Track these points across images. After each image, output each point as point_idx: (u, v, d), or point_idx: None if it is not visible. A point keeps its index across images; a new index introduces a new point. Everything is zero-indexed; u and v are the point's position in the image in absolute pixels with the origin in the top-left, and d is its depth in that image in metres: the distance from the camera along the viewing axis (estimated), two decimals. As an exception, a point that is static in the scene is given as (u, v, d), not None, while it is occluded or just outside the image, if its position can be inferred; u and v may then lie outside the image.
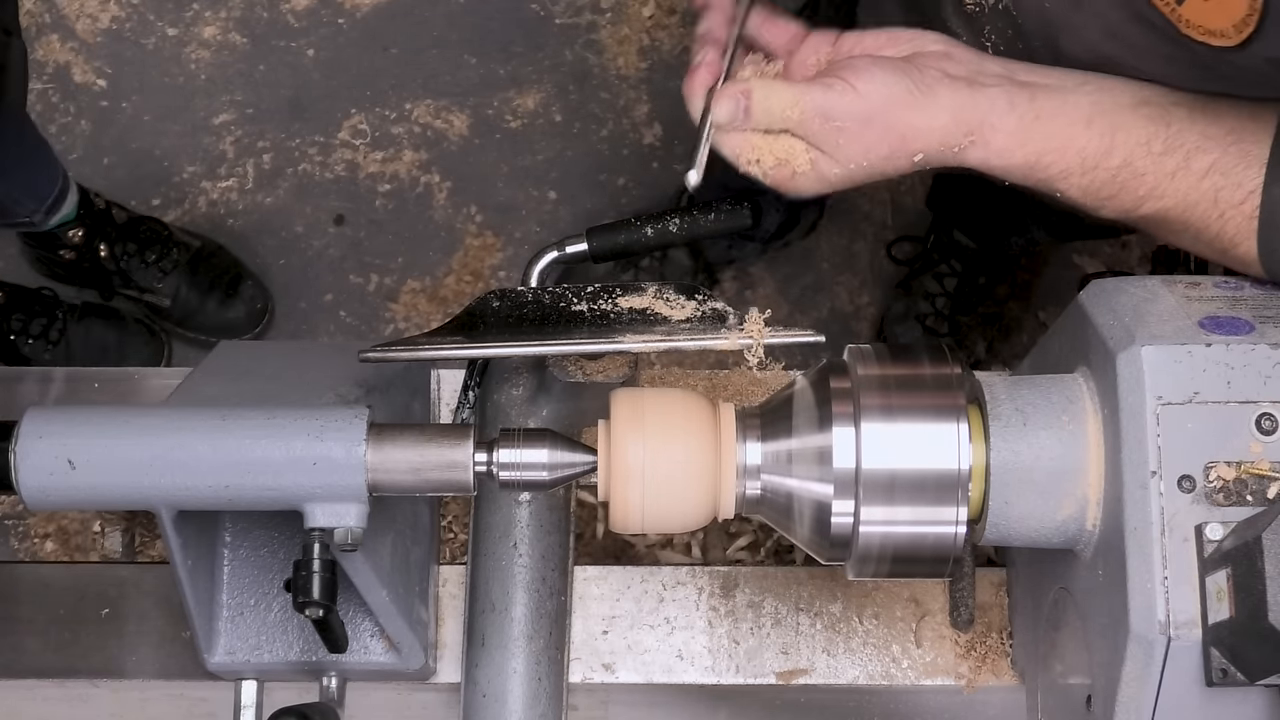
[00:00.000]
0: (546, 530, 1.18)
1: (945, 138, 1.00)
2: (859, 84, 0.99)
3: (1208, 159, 1.00)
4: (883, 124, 0.99)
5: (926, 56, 1.04)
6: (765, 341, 1.01)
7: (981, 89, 1.01)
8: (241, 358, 1.20)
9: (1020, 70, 1.04)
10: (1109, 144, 1.01)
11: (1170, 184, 1.01)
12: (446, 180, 2.37)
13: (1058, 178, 1.02)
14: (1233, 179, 1.00)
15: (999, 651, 1.22)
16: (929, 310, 2.23)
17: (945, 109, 1.00)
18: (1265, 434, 0.90)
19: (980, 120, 1.00)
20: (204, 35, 2.45)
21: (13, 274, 2.28)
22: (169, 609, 1.24)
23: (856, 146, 1.00)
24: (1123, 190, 1.02)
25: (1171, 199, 1.01)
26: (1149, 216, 1.03)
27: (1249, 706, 0.91)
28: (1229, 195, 1.00)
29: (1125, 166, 1.01)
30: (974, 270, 2.23)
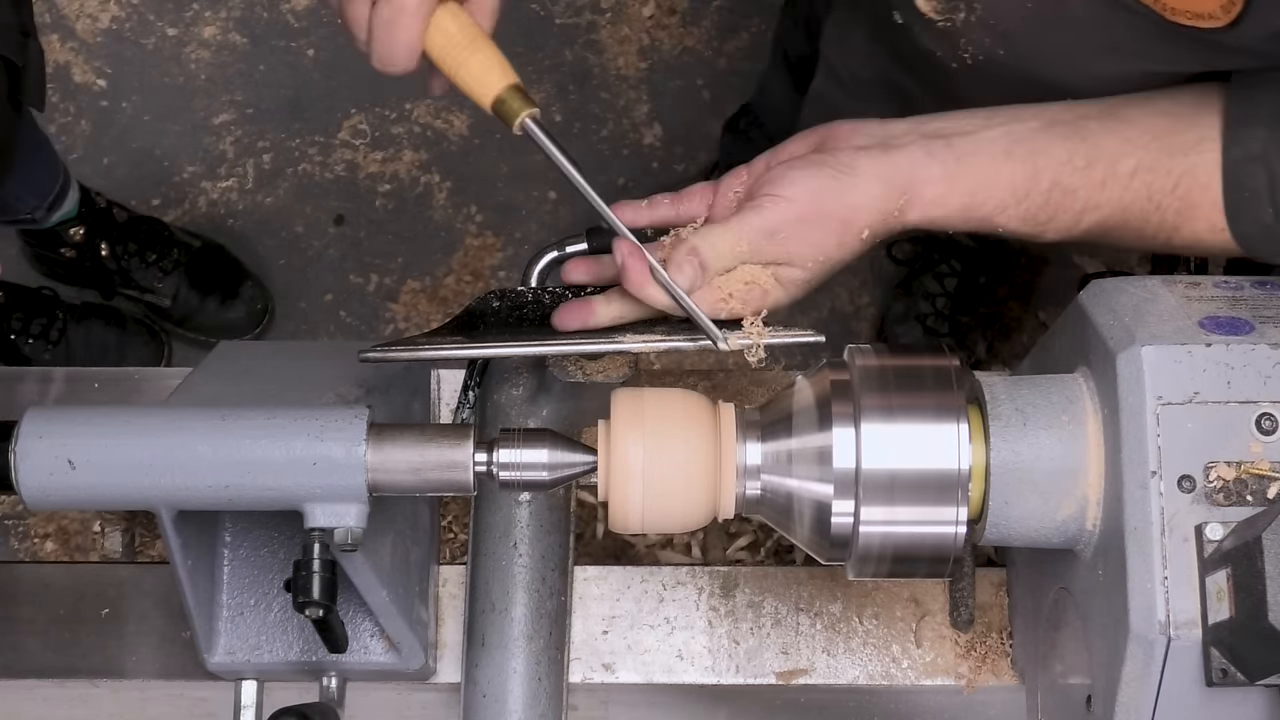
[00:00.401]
0: (546, 530, 1.18)
1: (883, 205, 1.01)
2: (783, 191, 1.00)
3: (1131, 161, 1.02)
4: (820, 217, 1.00)
5: (835, 139, 1.06)
6: (765, 341, 1.01)
7: (898, 150, 1.02)
8: (241, 358, 1.20)
9: (926, 123, 1.06)
10: (1033, 169, 1.02)
11: (1102, 193, 1.02)
12: (446, 180, 2.37)
13: (995, 213, 1.03)
14: (1159, 172, 1.02)
15: (999, 651, 1.22)
16: (929, 310, 2.23)
17: (872, 178, 1.01)
18: (1265, 434, 0.90)
19: (908, 178, 1.01)
20: (204, 35, 2.45)
21: (13, 274, 2.28)
22: (169, 609, 1.24)
23: (806, 248, 1.01)
24: (1059, 210, 1.03)
25: (1107, 207, 1.03)
26: (1091, 230, 1.04)
27: (1249, 706, 0.91)
28: (1160, 185, 1.02)
29: (1055, 186, 1.02)
30: (974, 270, 2.24)
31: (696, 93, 2.42)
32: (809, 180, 1.01)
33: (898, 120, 1.07)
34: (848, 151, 1.03)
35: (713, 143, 2.38)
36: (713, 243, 1.00)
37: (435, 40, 1.00)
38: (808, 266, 1.01)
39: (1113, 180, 1.02)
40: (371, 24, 0.98)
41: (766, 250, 1.00)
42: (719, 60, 2.44)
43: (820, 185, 1.01)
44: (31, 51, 1.65)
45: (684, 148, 2.39)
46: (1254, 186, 1.00)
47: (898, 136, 1.04)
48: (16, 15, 1.61)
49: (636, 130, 2.40)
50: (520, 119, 1.00)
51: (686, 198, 1.08)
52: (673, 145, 2.39)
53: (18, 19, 1.61)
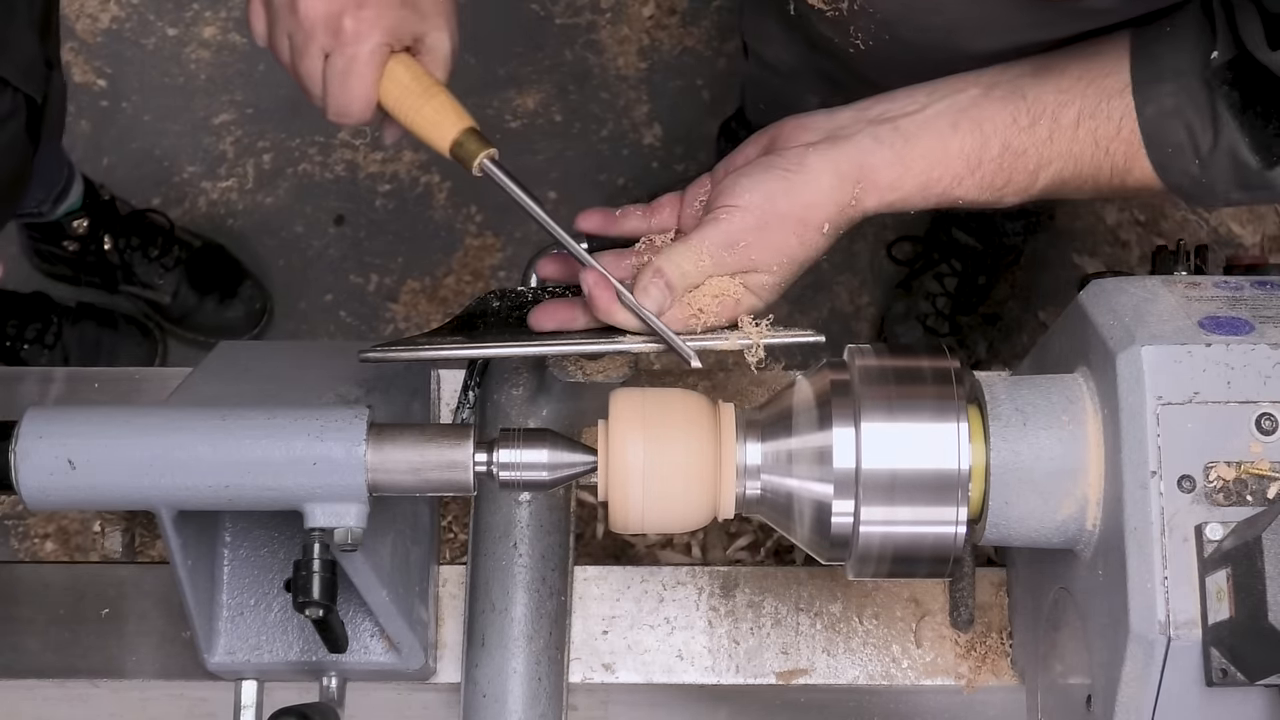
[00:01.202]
0: (546, 530, 1.18)
1: (837, 197, 1.02)
2: (737, 200, 1.01)
3: (1072, 110, 1.03)
4: (777, 219, 1.01)
5: (784, 139, 1.07)
6: (765, 341, 1.01)
7: (846, 140, 1.04)
8: (241, 358, 1.20)
9: (871, 108, 1.07)
10: (981, 136, 1.04)
11: (1051, 148, 1.04)
12: (446, 180, 2.37)
13: (952, 186, 1.04)
14: (1101, 116, 1.03)
15: (999, 651, 1.22)
16: (929, 310, 2.23)
17: (823, 172, 1.02)
18: (1265, 434, 0.90)
19: (859, 166, 1.02)
20: (204, 35, 2.45)
21: (13, 274, 2.28)
22: (169, 609, 1.24)
23: (769, 251, 1.01)
24: (1013, 173, 1.04)
25: (1059, 161, 1.04)
26: (1048, 186, 1.06)
27: (1249, 706, 0.91)
28: (1104, 130, 1.03)
29: (1006, 150, 1.04)
30: (974, 270, 2.24)
31: (696, 93, 2.42)
32: (760, 185, 1.01)
33: (843, 109, 1.08)
34: (796, 150, 1.04)
35: (713, 143, 2.38)
36: (676, 262, 1.00)
37: (390, 90, 1.02)
38: (774, 270, 1.02)
39: (1059, 133, 1.03)
40: (325, 78, 1.00)
41: (730, 261, 1.01)
42: (719, 60, 2.43)
43: (771, 188, 1.01)
44: (54, 85, 1.65)
45: (684, 148, 2.39)
46: (1175, 141, 1.02)
47: (845, 127, 1.05)
48: (42, 48, 1.61)
49: (636, 130, 2.40)
50: (479, 160, 1.02)
51: (656, 209, 1.09)
52: (673, 145, 2.39)
53: (43, 52, 1.61)
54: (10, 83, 1.52)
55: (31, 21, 1.57)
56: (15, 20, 1.54)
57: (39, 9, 1.60)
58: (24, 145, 1.59)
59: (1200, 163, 1.02)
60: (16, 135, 1.56)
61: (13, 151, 1.57)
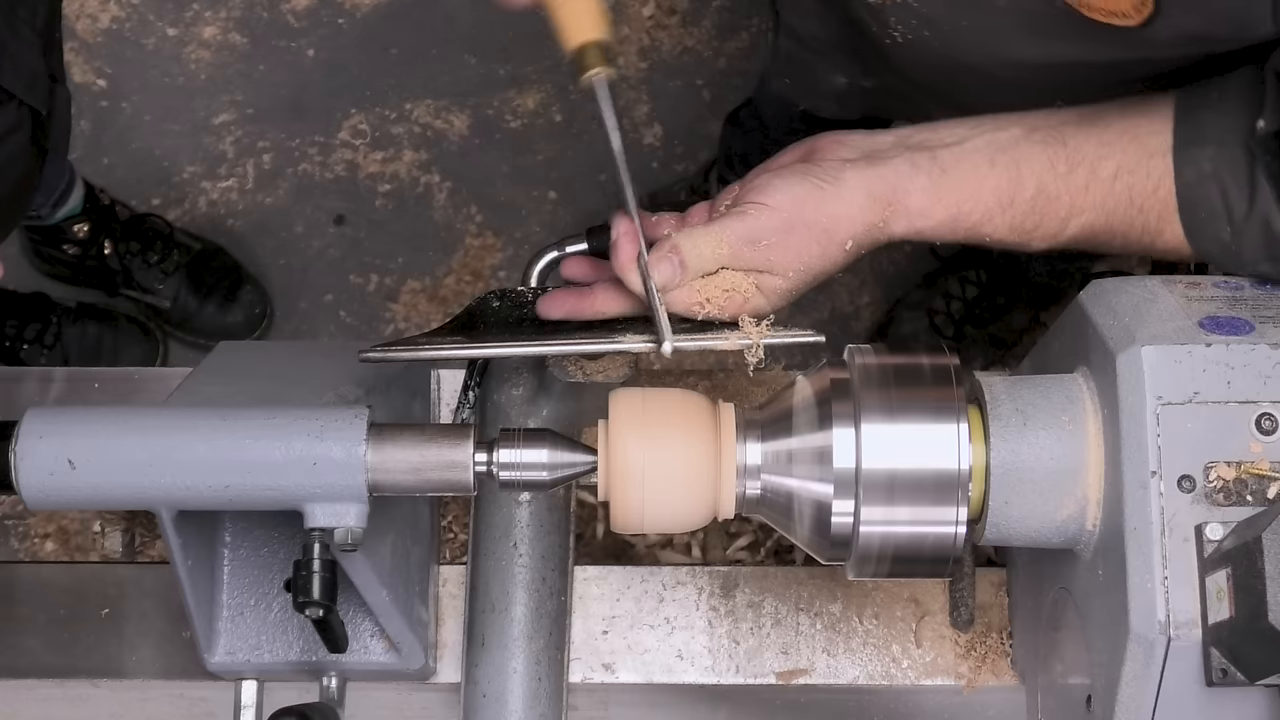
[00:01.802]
0: (546, 530, 1.18)
1: (866, 216, 1.02)
2: (768, 199, 1.01)
3: (1112, 164, 1.03)
4: (803, 225, 1.01)
5: (821, 151, 1.06)
6: (765, 342, 1.01)
7: (883, 162, 1.03)
8: (241, 358, 1.20)
9: (912, 136, 1.06)
10: (1016, 176, 1.03)
11: (1085, 197, 1.03)
12: (446, 180, 2.37)
13: (982, 222, 1.04)
14: (1140, 174, 1.02)
15: (999, 651, 1.22)
16: (942, 309, 2.23)
17: (856, 189, 1.01)
18: (1265, 434, 0.90)
19: (892, 189, 1.02)
20: (204, 35, 2.45)
21: (13, 274, 2.28)
22: (169, 609, 1.24)
23: (789, 256, 1.01)
24: (1044, 217, 1.04)
25: (1091, 211, 1.03)
26: (1077, 236, 1.05)
27: (1249, 706, 0.91)
28: (1141, 188, 1.02)
29: (1039, 194, 1.03)
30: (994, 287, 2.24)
31: (696, 93, 2.42)
32: (792, 188, 1.01)
33: (884, 132, 1.08)
34: (834, 163, 1.03)
35: (713, 142, 2.38)
36: (695, 242, 1.00)
37: None
38: (789, 276, 1.02)
39: (1095, 184, 1.03)
40: None
41: (747, 256, 1.01)
42: (719, 60, 2.43)
43: (804, 193, 1.01)
44: (58, 98, 1.65)
45: (684, 148, 2.39)
46: (1210, 206, 1.01)
47: (883, 149, 1.05)
48: (45, 62, 1.61)
49: (636, 130, 2.40)
50: (592, 74, 1.02)
51: (690, 217, 1.09)
52: (673, 145, 2.39)
53: (46, 66, 1.61)
54: (15, 95, 1.52)
55: (34, 35, 1.58)
56: (18, 34, 1.55)
57: (41, 23, 1.60)
58: (29, 157, 1.60)
59: (1232, 229, 1.01)
60: (22, 147, 1.57)
61: (17, 163, 1.57)
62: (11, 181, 1.58)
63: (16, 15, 1.55)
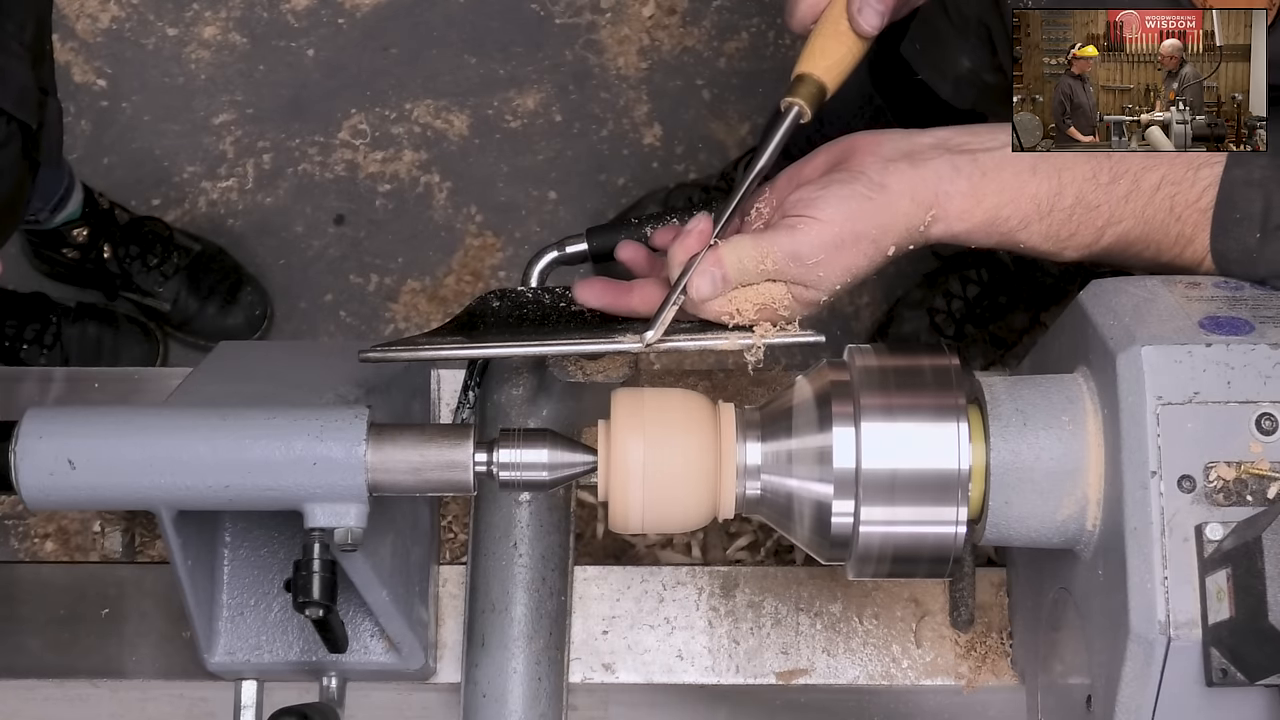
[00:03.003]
0: (546, 530, 1.18)
1: (909, 221, 1.01)
2: (820, 213, 1.00)
3: (1156, 175, 1.02)
4: (853, 239, 1.00)
5: (859, 151, 1.05)
6: (765, 341, 1.01)
7: (924, 163, 1.02)
8: (241, 358, 1.20)
9: (952, 139, 1.06)
10: (1057, 185, 1.02)
11: (1125, 207, 1.02)
12: (446, 180, 2.37)
13: (1018, 228, 1.03)
14: (1185, 184, 1.02)
15: (999, 651, 1.22)
16: (943, 308, 2.23)
17: (901, 194, 1.01)
18: (1265, 434, 0.90)
19: (934, 192, 1.01)
20: (204, 35, 2.45)
21: (13, 274, 2.28)
22: (169, 609, 1.24)
23: (836, 271, 1.00)
24: (1081, 226, 1.03)
25: (1129, 220, 1.03)
26: (1112, 246, 1.04)
27: (1249, 706, 0.91)
28: (1184, 197, 1.02)
29: (1079, 203, 1.02)
30: (997, 287, 2.24)
31: (696, 93, 2.42)
32: (844, 201, 1.00)
33: (922, 133, 1.06)
34: (875, 167, 1.02)
35: (714, 142, 2.38)
36: (739, 255, 1.00)
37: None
38: (833, 288, 1.01)
39: (1136, 194, 1.02)
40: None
41: (792, 271, 1.00)
42: (719, 60, 2.43)
43: (854, 207, 1.00)
44: (50, 111, 1.65)
45: (684, 148, 2.39)
46: (1246, 209, 1.01)
47: (923, 151, 1.04)
48: (35, 76, 1.61)
49: (636, 130, 2.40)
50: (788, 102, 1.04)
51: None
52: (673, 145, 2.39)
53: (35, 79, 1.61)
54: (4, 110, 1.52)
55: (23, 50, 1.58)
56: (7, 50, 1.55)
57: (30, 37, 1.61)
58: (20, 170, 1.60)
59: (1262, 236, 1.01)
60: (13, 161, 1.57)
61: (8, 177, 1.58)
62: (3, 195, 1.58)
63: (4, 30, 1.56)
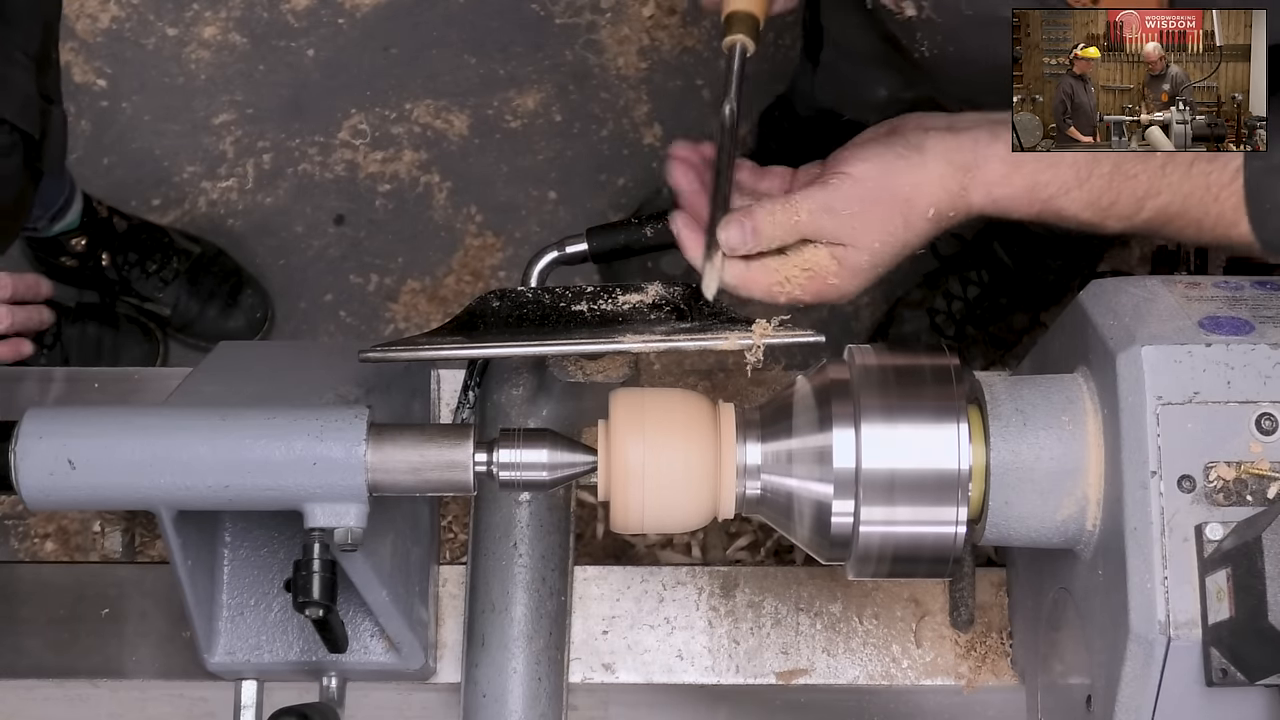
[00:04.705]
0: (546, 530, 1.18)
1: (946, 183, 1.02)
2: (851, 169, 1.01)
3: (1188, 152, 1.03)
4: (887, 195, 1.01)
5: (905, 124, 1.07)
6: (765, 341, 1.01)
7: (964, 131, 1.04)
8: (241, 358, 1.20)
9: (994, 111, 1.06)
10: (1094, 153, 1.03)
11: (1163, 179, 1.03)
12: (446, 180, 2.37)
13: (1058, 194, 1.04)
14: (1218, 163, 1.03)
15: (999, 651, 1.22)
16: (943, 309, 2.23)
17: (937, 156, 1.02)
18: (1265, 434, 0.90)
19: (972, 155, 1.02)
20: (204, 35, 2.45)
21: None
22: (169, 609, 1.24)
23: (872, 227, 1.01)
24: (1121, 195, 1.04)
25: (1168, 194, 1.03)
26: (1152, 219, 1.05)
27: (1249, 706, 0.91)
28: (1218, 178, 1.03)
29: (1116, 170, 1.03)
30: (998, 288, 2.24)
31: (696, 93, 2.42)
32: (876, 157, 1.02)
33: (966, 113, 1.08)
34: (916, 132, 1.04)
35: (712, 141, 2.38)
36: (769, 209, 1.01)
37: None
38: (874, 249, 1.02)
39: (1172, 166, 1.03)
40: None
41: (826, 225, 1.01)
42: (719, 60, 2.43)
43: (887, 163, 1.01)
44: (53, 120, 1.64)
45: (684, 148, 2.39)
46: (1274, 198, 1.02)
47: (964, 120, 1.05)
48: (38, 84, 1.60)
49: (636, 130, 2.40)
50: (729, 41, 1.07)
51: (767, 174, 1.10)
52: (673, 145, 2.39)
53: (39, 88, 1.60)
54: (6, 120, 1.52)
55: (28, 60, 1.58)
56: (11, 60, 1.55)
57: (36, 45, 1.60)
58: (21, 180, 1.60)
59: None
60: (14, 171, 1.57)
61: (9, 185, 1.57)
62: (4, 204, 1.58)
63: (10, 41, 1.55)
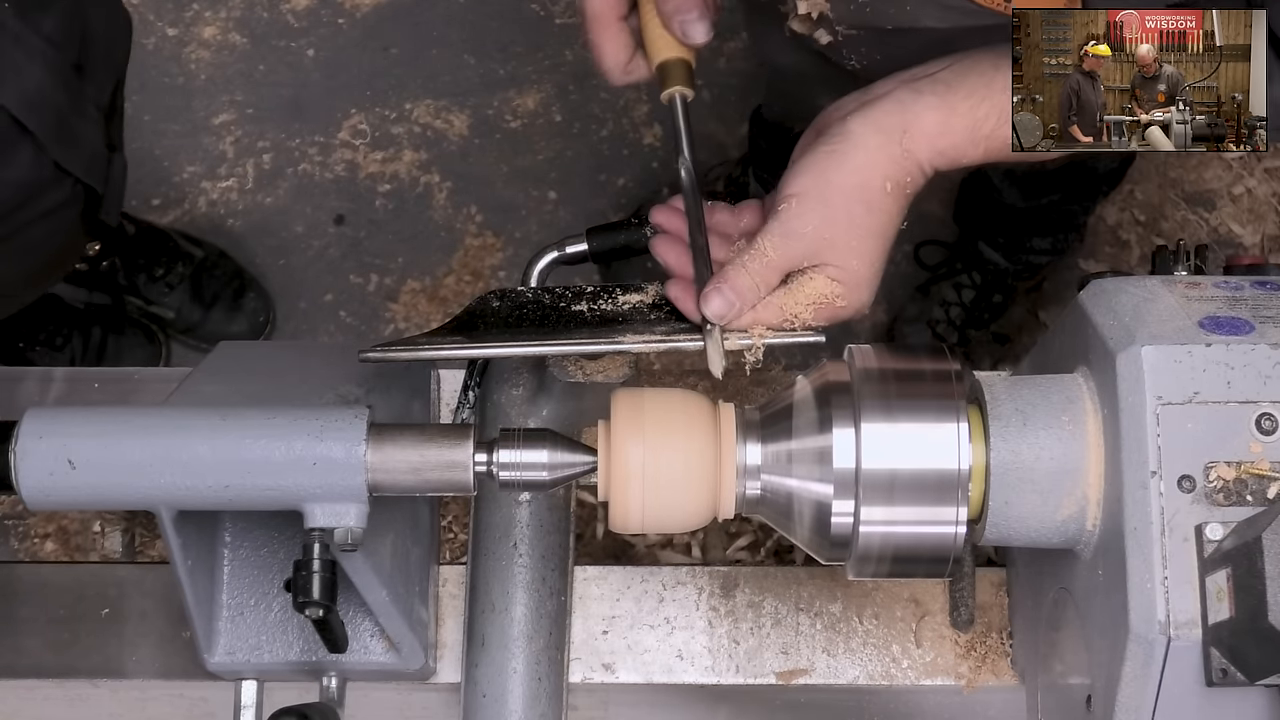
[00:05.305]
0: (546, 530, 1.18)
1: (887, 150, 1.00)
2: (792, 187, 1.00)
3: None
4: (836, 194, 1.00)
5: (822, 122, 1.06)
6: (765, 341, 1.01)
7: (881, 98, 1.03)
8: (241, 358, 1.20)
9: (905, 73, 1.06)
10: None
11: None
12: (446, 180, 2.37)
13: (1000, 124, 1.02)
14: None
15: (999, 651, 1.22)
16: (942, 317, 2.23)
17: (865, 131, 1.01)
18: (1265, 434, 0.90)
19: (900, 118, 1.01)
20: (204, 35, 2.45)
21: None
22: (169, 609, 1.24)
23: (840, 229, 1.00)
24: None
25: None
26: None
27: (1249, 706, 0.91)
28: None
29: None
30: (992, 287, 2.24)
31: (696, 93, 2.42)
32: (809, 165, 1.01)
33: (880, 83, 1.07)
34: (835, 123, 1.03)
35: (714, 143, 2.38)
36: (740, 264, 0.99)
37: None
38: (858, 250, 1.00)
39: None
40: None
41: (797, 250, 0.99)
42: (719, 60, 2.43)
43: (820, 165, 1.00)
44: (114, 169, 1.63)
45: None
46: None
47: (878, 91, 1.04)
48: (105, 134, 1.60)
49: (636, 130, 2.40)
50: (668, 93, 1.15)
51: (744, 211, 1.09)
52: (673, 145, 2.39)
53: (106, 137, 1.60)
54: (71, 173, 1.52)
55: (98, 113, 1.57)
56: (84, 114, 1.54)
57: (107, 97, 1.59)
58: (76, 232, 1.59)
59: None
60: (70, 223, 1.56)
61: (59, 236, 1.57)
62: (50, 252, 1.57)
63: (84, 95, 1.54)
